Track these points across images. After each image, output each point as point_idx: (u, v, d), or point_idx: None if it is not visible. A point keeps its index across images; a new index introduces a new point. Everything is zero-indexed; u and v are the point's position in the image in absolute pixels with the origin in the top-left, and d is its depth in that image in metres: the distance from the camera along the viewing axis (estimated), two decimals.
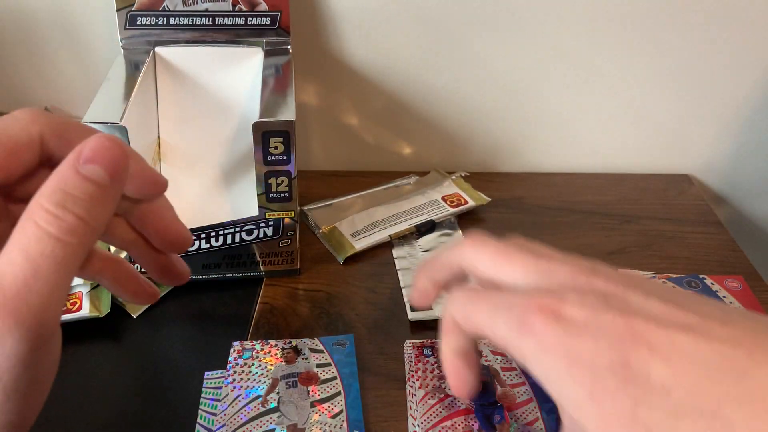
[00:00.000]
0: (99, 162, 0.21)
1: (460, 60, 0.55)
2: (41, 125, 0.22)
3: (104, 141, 0.21)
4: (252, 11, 0.48)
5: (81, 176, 0.20)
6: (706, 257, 0.51)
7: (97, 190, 0.21)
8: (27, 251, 0.19)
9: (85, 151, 0.21)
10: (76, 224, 0.20)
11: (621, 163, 0.62)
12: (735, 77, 0.56)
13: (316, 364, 0.39)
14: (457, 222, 0.53)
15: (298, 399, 0.37)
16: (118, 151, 0.21)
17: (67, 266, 0.20)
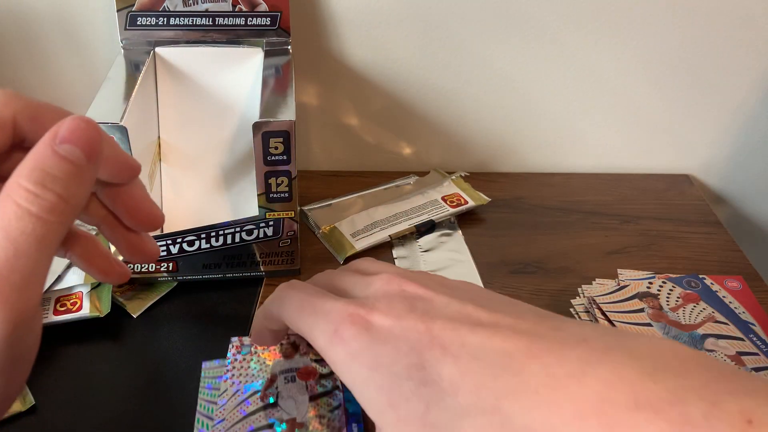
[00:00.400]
0: (75, 142, 0.21)
1: (460, 60, 0.55)
2: (14, 107, 0.23)
3: (79, 122, 0.21)
4: (252, 11, 0.48)
5: (59, 155, 0.20)
6: (705, 257, 0.51)
7: (74, 170, 0.21)
8: (7, 230, 0.19)
9: (62, 131, 0.21)
10: (56, 202, 0.20)
11: (621, 163, 0.62)
12: (735, 77, 0.56)
13: (314, 360, 0.39)
14: (457, 222, 0.53)
15: (297, 393, 0.36)
16: (94, 132, 0.21)
17: (47, 244, 0.20)
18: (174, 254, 0.43)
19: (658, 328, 0.40)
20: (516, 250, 0.51)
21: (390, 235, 0.50)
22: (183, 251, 0.43)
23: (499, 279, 0.48)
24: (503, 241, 0.52)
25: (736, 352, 0.39)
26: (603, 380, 0.20)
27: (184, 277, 0.45)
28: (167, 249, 0.43)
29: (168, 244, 0.43)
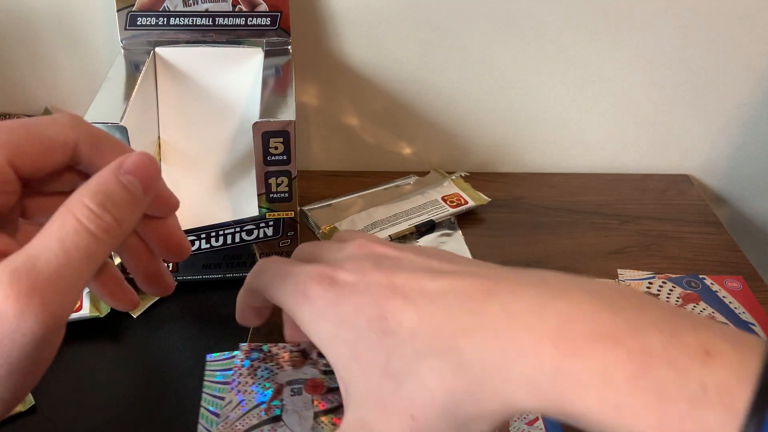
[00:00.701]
0: (137, 175, 0.23)
1: (460, 60, 0.55)
2: (78, 132, 0.24)
3: (144, 158, 0.23)
4: (252, 11, 0.48)
5: (121, 184, 0.22)
6: (705, 257, 0.51)
7: (132, 199, 0.23)
8: (64, 241, 0.21)
9: (127, 163, 0.23)
10: (112, 225, 0.22)
11: (621, 163, 0.62)
12: (735, 77, 0.56)
13: (323, 371, 0.37)
14: (457, 222, 0.53)
15: (302, 408, 0.35)
16: (154, 170, 0.24)
17: (94, 261, 0.22)
18: None
19: None
20: (516, 250, 0.51)
21: (390, 235, 0.50)
22: None
23: None
24: (503, 241, 0.52)
25: None
26: (561, 314, 0.21)
27: (184, 277, 0.45)
28: None
29: None
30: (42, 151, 0.23)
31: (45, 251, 0.21)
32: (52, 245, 0.21)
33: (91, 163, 0.24)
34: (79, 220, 0.21)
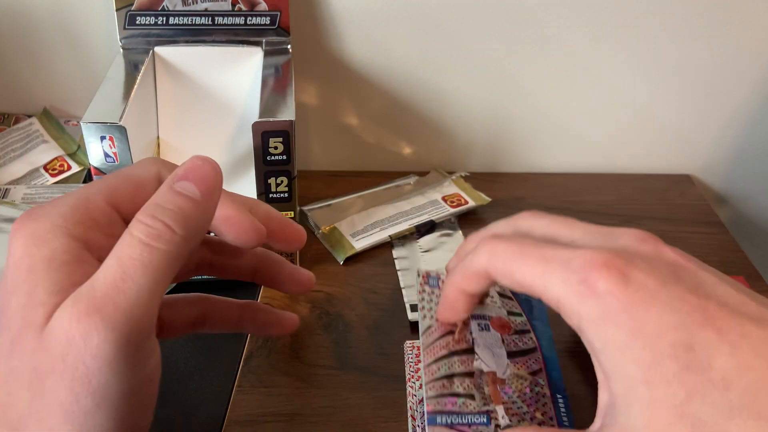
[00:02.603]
0: (191, 179, 0.23)
1: (460, 60, 0.55)
2: (159, 166, 0.25)
3: (196, 160, 0.23)
4: (252, 11, 0.48)
5: (173, 191, 0.23)
6: (707, 257, 0.50)
7: (187, 203, 0.22)
8: (119, 257, 0.21)
9: (179, 170, 0.23)
10: (164, 231, 0.22)
11: (621, 163, 0.62)
12: (735, 77, 0.56)
13: (507, 311, 0.36)
14: (457, 222, 0.53)
15: (494, 345, 0.33)
16: (209, 169, 0.23)
17: (156, 271, 0.21)
18: None
19: None
20: None
21: (390, 235, 0.50)
22: None
23: None
24: None
25: None
26: None
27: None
28: None
29: None
30: (134, 188, 0.24)
31: (104, 271, 0.21)
32: (110, 264, 0.21)
33: None
34: (131, 234, 0.22)
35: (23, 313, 0.21)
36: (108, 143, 0.37)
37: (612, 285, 0.21)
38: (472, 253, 0.27)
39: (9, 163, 0.52)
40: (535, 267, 0.24)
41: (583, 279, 0.22)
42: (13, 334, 0.21)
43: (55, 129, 0.55)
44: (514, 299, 0.37)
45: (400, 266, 0.48)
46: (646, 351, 0.20)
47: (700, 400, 0.20)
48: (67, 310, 0.20)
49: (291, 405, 0.38)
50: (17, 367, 0.20)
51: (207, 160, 0.23)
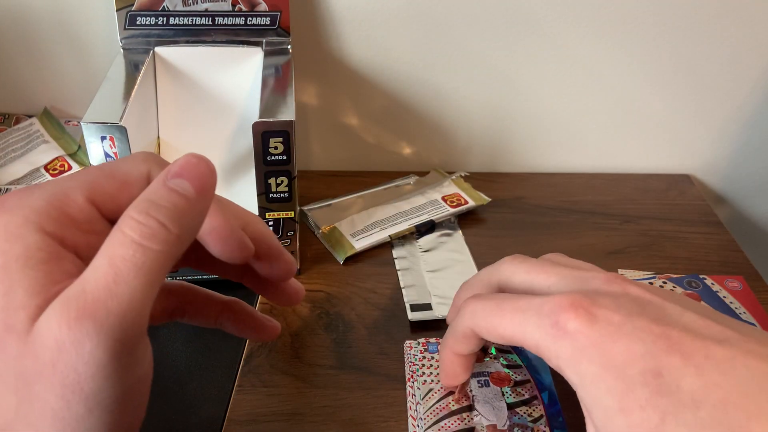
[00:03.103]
0: (185, 176, 0.22)
1: (460, 60, 0.55)
2: (150, 164, 0.24)
3: (191, 158, 0.22)
4: (252, 11, 0.48)
5: (167, 188, 0.21)
6: (706, 257, 0.51)
7: (182, 201, 0.21)
8: (111, 257, 0.20)
9: (173, 167, 0.22)
10: (158, 230, 0.20)
11: (621, 163, 0.62)
12: (735, 77, 0.56)
13: (506, 366, 0.38)
14: (457, 222, 0.53)
15: (493, 399, 0.36)
16: (204, 167, 0.22)
17: (149, 273, 0.20)
18: None
19: None
20: (516, 250, 0.50)
21: (390, 235, 0.50)
22: None
23: None
24: (503, 241, 0.51)
25: None
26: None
27: (184, 277, 0.45)
28: None
29: None
30: (119, 186, 0.23)
31: (94, 272, 0.20)
32: (100, 264, 0.20)
33: None
34: (123, 232, 0.20)
35: (2, 315, 0.20)
36: (108, 143, 0.38)
37: (580, 324, 0.23)
38: (458, 317, 0.29)
39: (9, 163, 0.52)
40: (513, 318, 0.25)
41: (555, 322, 0.23)
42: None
43: (55, 129, 0.55)
44: (513, 352, 0.40)
45: (400, 266, 0.48)
46: (618, 381, 0.22)
47: (673, 421, 0.21)
48: (55, 315, 0.19)
49: (291, 405, 0.38)
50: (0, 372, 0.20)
51: (201, 158, 0.22)
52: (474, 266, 0.48)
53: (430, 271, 0.48)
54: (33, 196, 0.22)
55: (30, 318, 0.19)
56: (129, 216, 0.21)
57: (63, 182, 0.23)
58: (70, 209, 0.22)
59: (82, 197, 0.22)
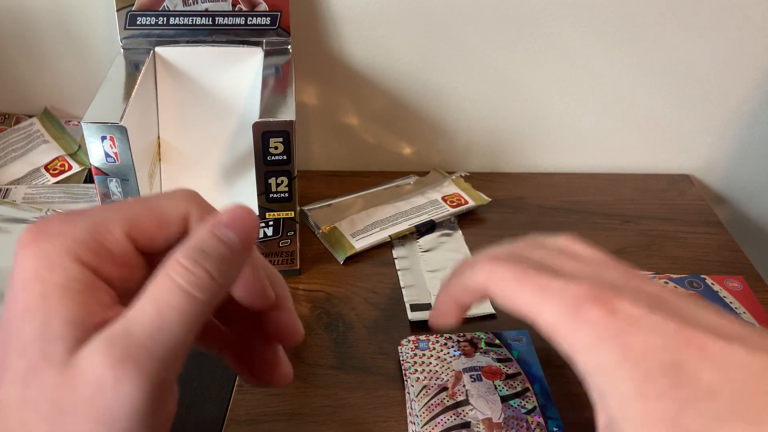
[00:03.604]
0: (233, 227, 0.22)
1: (460, 60, 0.55)
2: (190, 206, 0.24)
3: (240, 210, 0.23)
4: (252, 11, 0.48)
5: (215, 237, 0.22)
6: (706, 257, 0.51)
7: (228, 253, 0.22)
8: (157, 302, 0.21)
9: (223, 216, 0.23)
10: (205, 280, 0.21)
11: (621, 163, 0.62)
12: (735, 77, 0.56)
13: (496, 359, 0.39)
14: (457, 222, 0.53)
15: (487, 393, 0.37)
16: (251, 220, 0.23)
17: (191, 322, 0.21)
18: None
19: None
20: None
21: (390, 235, 0.50)
22: None
23: None
24: (503, 241, 0.51)
25: None
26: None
27: None
28: None
29: None
30: (157, 223, 0.24)
31: (140, 314, 0.20)
32: (146, 308, 0.21)
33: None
34: (172, 279, 0.21)
35: (41, 344, 0.20)
36: (109, 143, 0.38)
37: (601, 314, 0.23)
38: (471, 270, 0.29)
39: (10, 163, 0.52)
40: (532, 294, 0.26)
41: (576, 308, 0.24)
42: (29, 363, 0.20)
43: (55, 129, 0.55)
44: (503, 346, 0.40)
45: (400, 266, 0.48)
46: (637, 370, 0.22)
47: (691, 412, 0.21)
48: (99, 353, 0.20)
49: (291, 405, 0.38)
50: (34, 398, 0.20)
51: (249, 211, 0.23)
52: None
53: (430, 271, 0.48)
54: (76, 225, 0.22)
55: (68, 349, 0.20)
56: (178, 262, 0.21)
57: (104, 213, 0.23)
58: (108, 242, 0.23)
59: (121, 231, 0.23)
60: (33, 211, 0.45)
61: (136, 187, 0.39)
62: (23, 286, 0.21)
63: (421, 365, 0.39)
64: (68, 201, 0.49)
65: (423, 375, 0.38)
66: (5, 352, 0.21)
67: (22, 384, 0.20)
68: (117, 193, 0.40)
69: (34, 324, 0.20)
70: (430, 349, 0.40)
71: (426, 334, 0.41)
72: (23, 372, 0.20)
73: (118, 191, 0.40)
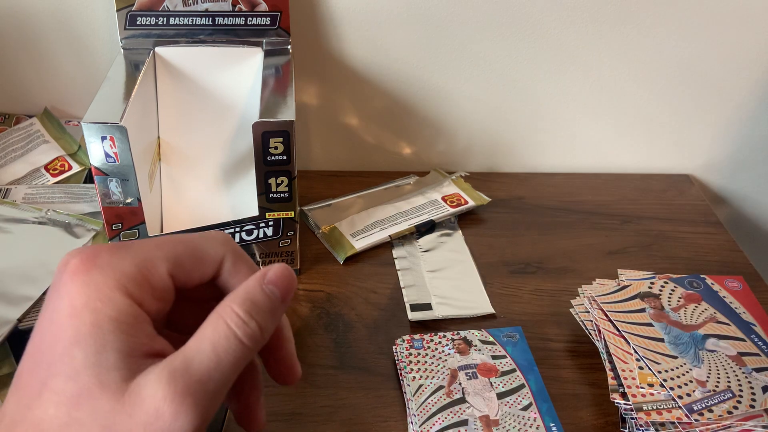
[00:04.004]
0: (278, 285, 0.25)
1: (460, 60, 0.55)
2: (226, 249, 0.27)
3: (284, 270, 0.26)
4: (252, 11, 0.48)
5: (264, 293, 0.25)
6: (706, 257, 0.51)
7: (272, 307, 0.25)
8: (215, 346, 0.23)
9: (270, 274, 0.26)
10: (257, 332, 0.24)
11: (621, 163, 0.62)
12: (735, 77, 0.56)
13: (492, 356, 0.39)
14: (457, 222, 0.53)
15: (483, 390, 0.37)
16: (293, 280, 0.26)
17: (240, 365, 0.24)
18: None
19: (659, 328, 0.40)
20: (516, 250, 0.51)
21: (390, 235, 0.50)
22: None
23: (499, 279, 0.47)
24: (503, 241, 0.51)
25: (738, 352, 0.38)
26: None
27: None
28: None
29: None
30: (196, 263, 0.26)
31: (199, 354, 0.23)
32: (205, 349, 0.23)
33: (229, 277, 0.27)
34: (229, 326, 0.24)
35: (95, 371, 0.22)
36: (109, 143, 0.38)
37: None
38: None
39: (10, 163, 0.52)
40: None
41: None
42: (82, 388, 0.22)
43: (55, 129, 0.55)
44: (497, 343, 0.41)
45: (400, 266, 0.48)
46: None
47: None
48: (161, 385, 0.22)
49: (291, 404, 0.38)
50: (82, 420, 0.22)
51: (291, 270, 0.26)
52: (474, 266, 0.48)
53: (430, 271, 0.48)
54: (124, 259, 0.24)
55: (123, 379, 0.22)
56: (234, 312, 0.24)
57: (151, 250, 0.25)
58: (153, 279, 0.25)
59: (165, 269, 0.25)
60: (33, 211, 0.45)
61: (135, 187, 0.40)
62: (72, 313, 0.23)
63: (417, 364, 0.39)
64: (68, 201, 0.49)
65: (419, 374, 0.38)
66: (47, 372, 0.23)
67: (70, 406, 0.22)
68: (117, 193, 0.40)
69: (88, 352, 0.22)
70: (425, 348, 0.40)
71: (420, 333, 0.41)
72: (73, 395, 0.22)
73: (118, 191, 0.40)
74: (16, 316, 0.38)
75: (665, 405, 0.35)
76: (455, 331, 0.41)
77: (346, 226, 0.51)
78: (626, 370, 0.37)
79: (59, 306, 0.23)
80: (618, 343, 0.39)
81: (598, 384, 0.39)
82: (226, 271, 0.27)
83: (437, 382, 0.37)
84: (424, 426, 0.35)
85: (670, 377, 0.36)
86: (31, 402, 0.23)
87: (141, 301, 0.24)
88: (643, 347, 0.38)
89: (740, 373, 0.37)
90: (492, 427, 0.35)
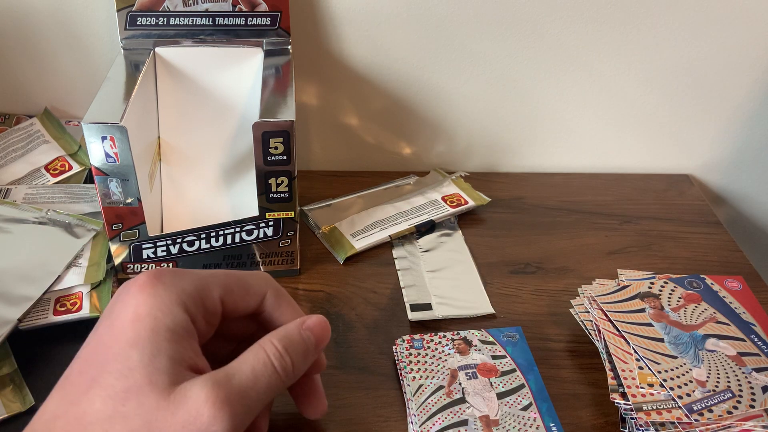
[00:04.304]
0: (314, 332, 0.30)
1: (460, 60, 0.55)
2: (269, 286, 0.31)
3: (321, 321, 0.31)
4: (252, 11, 0.48)
5: (301, 336, 0.29)
6: (706, 257, 0.51)
7: (306, 350, 0.29)
8: (254, 368, 0.27)
9: (309, 322, 0.30)
10: (289, 367, 0.28)
11: (621, 163, 0.62)
12: (735, 77, 0.56)
13: (492, 356, 0.40)
14: (457, 222, 0.53)
15: (483, 390, 0.37)
16: (327, 331, 0.31)
17: (271, 393, 0.27)
18: (174, 254, 0.43)
19: (659, 328, 0.40)
20: (516, 250, 0.51)
21: (390, 235, 0.50)
22: (183, 251, 0.43)
23: (499, 279, 0.48)
24: (503, 241, 0.52)
25: (737, 352, 0.38)
26: None
27: None
28: (167, 249, 0.43)
29: (168, 244, 0.43)
30: (243, 295, 0.30)
31: (239, 373, 0.26)
32: (246, 370, 0.27)
33: (271, 313, 0.31)
34: (268, 355, 0.27)
35: (148, 371, 0.25)
36: (109, 143, 0.38)
37: None
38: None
39: (10, 163, 0.52)
40: None
41: None
42: (133, 384, 0.24)
43: (56, 129, 0.55)
44: (497, 343, 0.41)
45: (400, 266, 0.48)
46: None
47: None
48: (206, 390, 0.25)
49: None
50: (127, 414, 0.24)
51: (327, 323, 0.31)
52: (474, 266, 0.48)
53: (430, 271, 0.48)
54: (185, 279, 0.28)
55: (172, 383, 0.25)
56: (273, 345, 0.28)
57: (207, 277, 0.29)
58: (207, 301, 0.28)
59: (218, 294, 0.29)
60: (33, 211, 0.45)
61: (136, 187, 0.40)
62: (134, 318, 0.26)
63: (417, 364, 0.39)
64: (68, 201, 0.49)
65: (419, 374, 0.38)
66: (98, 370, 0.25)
67: (117, 401, 0.24)
68: (117, 193, 0.40)
69: (144, 353, 0.25)
70: (424, 348, 0.40)
71: (420, 333, 0.41)
72: (122, 390, 0.24)
73: (118, 191, 0.40)
74: (16, 316, 0.38)
75: (665, 405, 0.35)
76: (455, 331, 0.41)
77: (346, 226, 0.51)
78: (626, 370, 0.37)
79: (122, 313, 0.26)
80: (618, 343, 0.39)
81: (597, 384, 0.39)
82: (268, 305, 0.31)
83: (437, 382, 0.37)
84: (424, 426, 0.35)
85: (670, 377, 0.37)
86: (76, 398, 0.25)
87: (195, 319, 0.27)
88: (643, 347, 0.38)
89: (740, 373, 0.37)
90: (492, 427, 0.35)
